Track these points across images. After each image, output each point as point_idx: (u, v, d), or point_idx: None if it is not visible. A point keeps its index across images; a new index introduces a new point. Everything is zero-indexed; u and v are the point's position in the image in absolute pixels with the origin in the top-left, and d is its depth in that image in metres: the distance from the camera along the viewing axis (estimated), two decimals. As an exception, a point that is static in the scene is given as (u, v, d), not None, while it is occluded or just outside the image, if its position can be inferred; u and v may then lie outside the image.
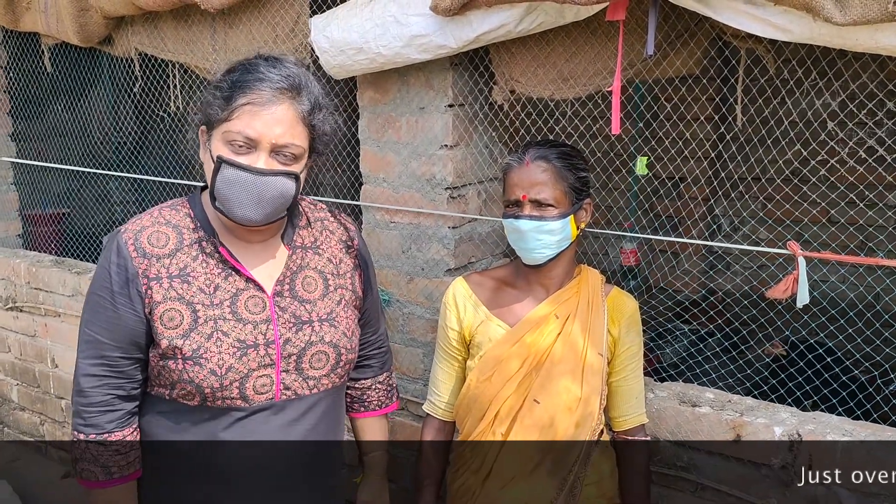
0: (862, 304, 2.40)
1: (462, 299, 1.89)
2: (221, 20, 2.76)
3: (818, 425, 1.97)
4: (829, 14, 1.61)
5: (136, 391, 1.55)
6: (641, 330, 1.90)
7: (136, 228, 1.53)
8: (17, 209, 4.20)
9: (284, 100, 1.46)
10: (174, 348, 1.49)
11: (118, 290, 1.49)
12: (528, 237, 1.75)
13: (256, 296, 1.55)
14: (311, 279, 1.63)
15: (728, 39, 1.96)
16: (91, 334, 1.51)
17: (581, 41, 2.11)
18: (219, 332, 1.50)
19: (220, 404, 1.51)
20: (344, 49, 2.32)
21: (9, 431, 4.14)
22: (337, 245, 1.70)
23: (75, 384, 1.53)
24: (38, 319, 3.76)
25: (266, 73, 1.46)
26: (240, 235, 1.57)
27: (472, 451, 1.85)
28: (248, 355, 1.51)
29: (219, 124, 1.46)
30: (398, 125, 2.48)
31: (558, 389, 1.77)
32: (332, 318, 1.62)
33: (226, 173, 1.45)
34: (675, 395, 2.17)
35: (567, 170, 1.75)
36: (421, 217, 2.49)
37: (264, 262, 1.59)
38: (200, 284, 1.52)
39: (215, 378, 1.49)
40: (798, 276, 1.86)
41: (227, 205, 1.48)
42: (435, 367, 1.97)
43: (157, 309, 1.49)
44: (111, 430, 1.52)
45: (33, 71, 3.89)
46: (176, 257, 1.52)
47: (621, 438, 1.90)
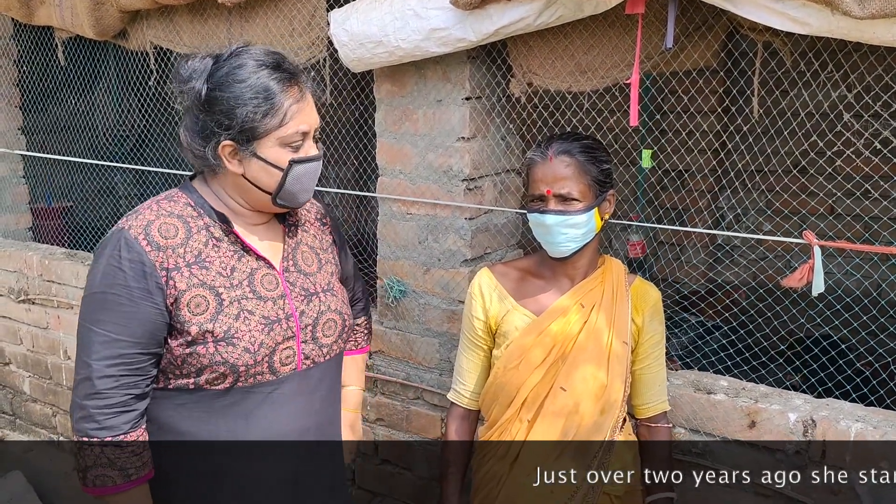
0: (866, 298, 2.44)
1: (488, 289, 1.92)
2: (237, 14, 2.78)
3: (831, 411, 2.01)
4: (847, 7, 1.64)
5: (148, 389, 1.55)
6: (664, 319, 1.94)
7: (142, 223, 1.53)
8: (27, 202, 4.22)
9: (304, 86, 1.56)
10: (205, 332, 1.51)
11: (135, 284, 1.49)
12: (554, 231, 1.78)
13: (269, 273, 1.61)
14: (307, 254, 1.71)
15: (745, 32, 1.99)
16: (106, 334, 1.49)
17: (599, 34, 2.14)
18: (244, 311, 1.55)
19: (252, 382, 1.56)
20: (363, 42, 2.34)
21: (21, 423, 4.16)
22: (315, 222, 1.79)
23: (86, 387, 1.49)
24: (50, 312, 3.78)
25: (277, 66, 1.52)
26: (249, 219, 1.63)
27: (499, 438, 1.89)
28: (274, 330, 1.57)
29: (268, 133, 1.51)
30: (415, 117, 2.51)
31: (584, 377, 1.80)
32: (331, 289, 1.72)
33: (297, 171, 1.54)
34: (690, 382, 2.21)
35: (590, 163, 1.77)
36: (437, 208, 2.52)
37: (268, 241, 1.66)
38: (217, 268, 1.56)
39: (249, 355, 1.54)
40: (814, 264, 1.90)
41: (295, 197, 1.57)
42: (460, 356, 2.01)
43: (183, 297, 1.51)
44: (127, 430, 1.50)
45: (43, 65, 3.90)
46: (188, 245, 1.54)
47: (644, 426, 1.94)
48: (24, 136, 4.12)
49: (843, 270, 3.24)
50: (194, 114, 1.53)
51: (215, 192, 1.61)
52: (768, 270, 3.64)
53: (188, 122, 1.55)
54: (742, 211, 4.16)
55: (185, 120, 1.56)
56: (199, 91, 1.50)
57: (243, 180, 1.56)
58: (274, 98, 1.49)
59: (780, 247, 3.60)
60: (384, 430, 2.82)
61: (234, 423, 1.58)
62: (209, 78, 1.51)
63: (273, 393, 1.59)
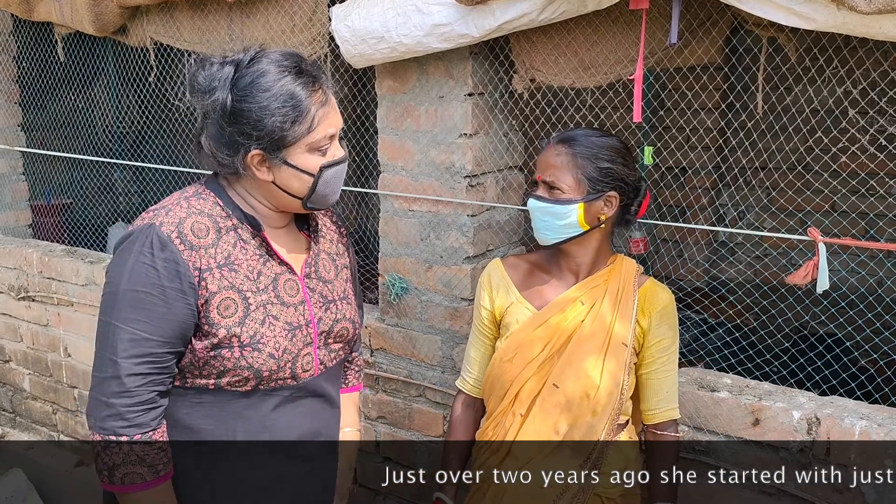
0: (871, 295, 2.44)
1: (496, 280, 1.92)
2: (238, 9, 2.77)
3: (836, 409, 2.00)
4: (854, 3, 1.63)
5: (170, 386, 1.55)
6: (676, 323, 1.87)
7: (174, 220, 1.51)
8: (27, 199, 4.21)
9: (327, 88, 1.53)
10: (231, 336, 1.50)
11: (168, 284, 1.47)
12: (535, 216, 1.80)
13: (291, 279, 1.60)
14: (325, 261, 1.70)
15: (750, 28, 1.98)
16: (135, 332, 1.47)
17: (602, 29, 2.13)
18: (269, 316, 1.54)
19: (273, 386, 1.57)
20: (365, 38, 2.33)
21: (21, 420, 4.16)
22: (332, 228, 1.78)
23: (114, 385, 1.47)
24: (50, 309, 3.77)
25: (300, 71, 1.50)
26: (273, 222, 1.61)
27: (493, 430, 1.89)
28: (297, 336, 1.57)
29: (298, 140, 1.50)
30: (417, 114, 2.50)
31: (577, 374, 1.78)
32: (346, 297, 1.72)
33: (327, 175, 1.54)
34: (694, 380, 2.20)
35: (587, 158, 1.75)
36: (440, 205, 2.52)
37: (290, 247, 1.65)
38: (245, 272, 1.54)
39: (273, 361, 1.54)
40: (819, 261, 1.89)
41: (325, 199, 1.57)
42: (469, 344, 2.01)
43: (214, 299, 1.50)
44: (155, 427, 1.50)
45: (42, 61, 3.89)
46: (218, 246, 1.53)
47: (650, 432, 1.89)
48: (23, 133, 4.12)
49: (848, 267, 3.23)
50: (220, 124, 1.50)
51: (241, 194, 1.59)
52: (773, 268, 3.63)
53: (213, 131, 1.52)
54: (745, 208, 4.15)
55: (209, 128, 1.53)
56: (223, 102, 1.48)
57: (273, 186, 1.54)
58: (301, 105, 1.48)
59: (782, 244, 3.59)
60: (386, 427, 2.82)
61: (252, 423, 1.57)
62: (232, 88, 1.49)
63: (291, 396, 1.60)
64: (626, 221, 1.89)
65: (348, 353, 1.91)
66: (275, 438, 1.59)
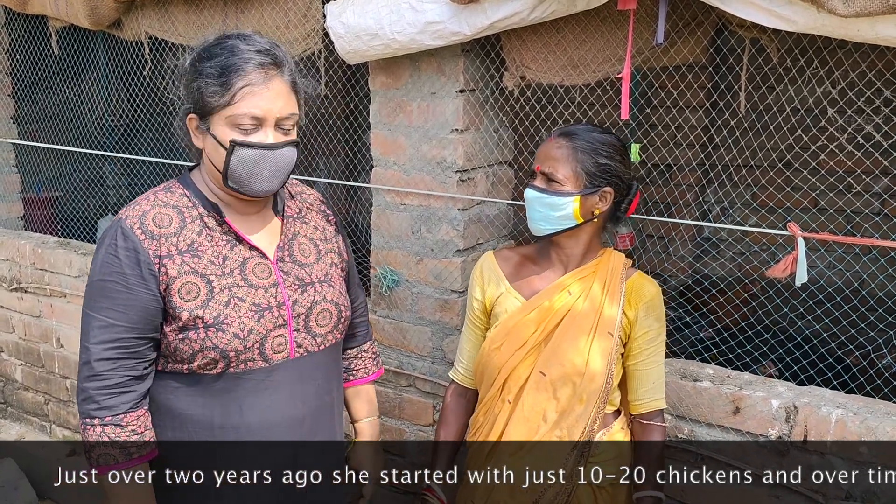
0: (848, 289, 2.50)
1: (488, 272, 1.97)
2: (233, 4, 2.80)
3: (813, 398, 2.07)
4: (833, 6, 1.69)
5: (146, 371, 1.61)
6: (663, 315, 1.91)
7: (138, 213, 1.59)
8: (18, 191, 4.22)
9: (275, 74, 1.55)
10: (195, 318, 1.56)
11: (130, 271, 1.55)
12: (531, 206, 1.84)
13: (262, 262, 1.66)
14: (304, 245, 1.75)
15: (734, 29, 2.04)
16: (104, 319, 1.56)
17: (591, 29, 2.18)
18: (235, 298, 1.60)
19: (243, 367, 1.61)
20: (359, 35, 2.37)
21: (13, 411, 4.17)
22: (318, 215, 1.82)
23: (86, 370, 1.57)
24: (43, 300, 3.79)
25: (249, 51, 1.54)
26: (239, 209, 1.67)
27: (483, 417, 1.94)
28: (265, 317, 1.62)
29: (219, 110, 1.53)
30: (409, 109, 2.54)
31: (563, 363, 1.83)
32: (329, 279, 1.75)
33: (241, 154, 1.54)
34: (677, 370, 2.26)
35: (586, 153, 1.80)
36: (431, 199, 2.56)
37: (262, 231, 1.70)
38: (209, 257, 1.60)
39: (239, 341, 1.58)
40: (797, 255, 1.95)
41: (245, 182, 1.57)
42: (462, 334, 2.07)
43: (174, 284, 1.57)
44: (126, 410, 1.57)
45: (35, 53, 3.90)
46: (182, 234, 1.60)
47: (637, 422, 1.93)
48: (15, 126, 4.12)
49: (826, 262, 3.31)
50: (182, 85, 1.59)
51: (206, 182, 1.66)
52: (753, 262, 3.70)
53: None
54: (728, 204, 4.22)
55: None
56: (184, 61, 1.58)
57: (206, 158, 1.60)
58: (230, 76, 1.52)
59: (764, 239, 3.66)
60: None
61: (228, 407, 1.63)
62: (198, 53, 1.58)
63: (265, 380, 1.64)
64: (617, 218, 1.94)
65: (356, 343, 1.97)
66: (249, 421, 1.64)
